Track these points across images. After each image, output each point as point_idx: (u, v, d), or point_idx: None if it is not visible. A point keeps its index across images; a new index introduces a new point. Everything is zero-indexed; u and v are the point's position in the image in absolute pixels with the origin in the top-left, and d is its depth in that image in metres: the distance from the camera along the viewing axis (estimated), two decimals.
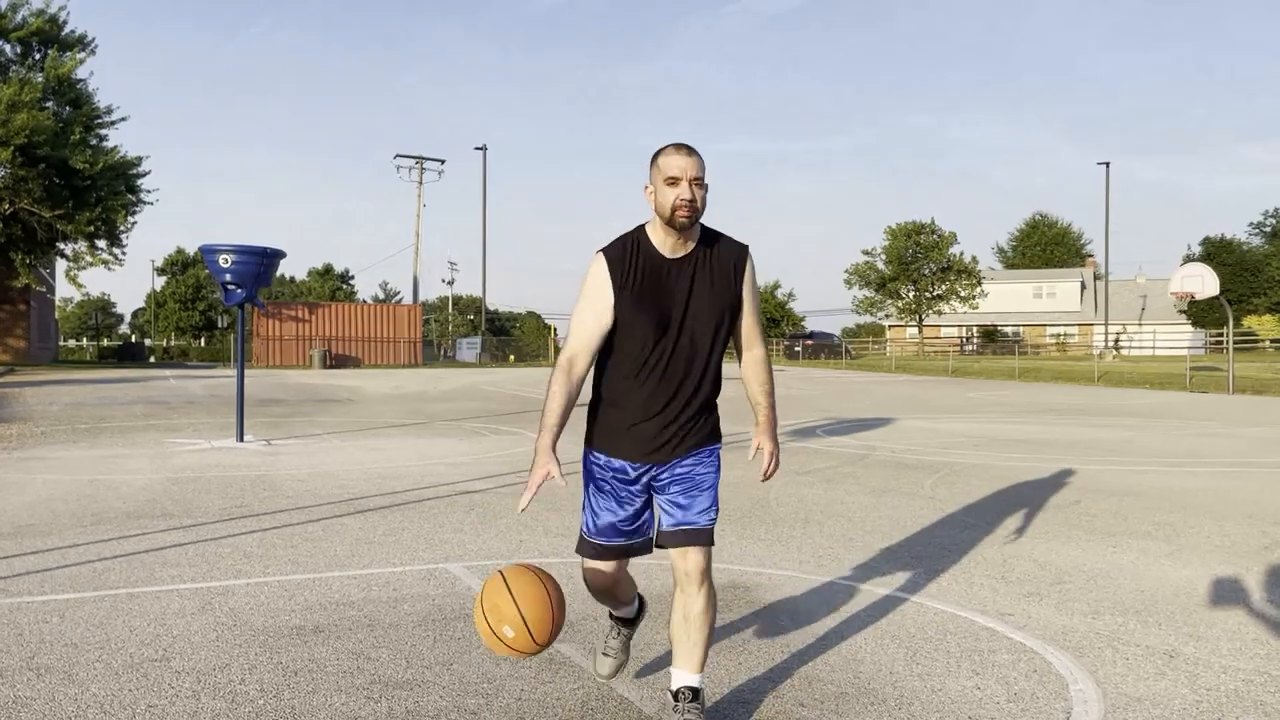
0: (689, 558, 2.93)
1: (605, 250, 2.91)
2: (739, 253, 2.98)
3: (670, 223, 2.82)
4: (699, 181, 2.81)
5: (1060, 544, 5.91)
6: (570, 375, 2.90)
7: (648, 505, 3.04)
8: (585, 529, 3.07)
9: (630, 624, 3.37)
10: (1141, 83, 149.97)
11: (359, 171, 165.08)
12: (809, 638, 4.04)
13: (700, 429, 2.99)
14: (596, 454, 3.03)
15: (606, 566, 3.05)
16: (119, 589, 4.76)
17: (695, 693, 2.97)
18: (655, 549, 3.06)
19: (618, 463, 2.98)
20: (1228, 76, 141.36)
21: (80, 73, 36.25)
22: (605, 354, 2.96)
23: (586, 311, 2.90)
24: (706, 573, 2.96)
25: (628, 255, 2.88)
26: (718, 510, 2.99)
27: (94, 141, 36.01)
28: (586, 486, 3.05)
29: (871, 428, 13.80)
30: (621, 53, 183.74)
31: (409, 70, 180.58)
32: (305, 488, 7.97)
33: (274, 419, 14.82)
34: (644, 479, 2.99)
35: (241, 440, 11.50)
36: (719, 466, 3.02)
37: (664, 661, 3.68)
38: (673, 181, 2.79)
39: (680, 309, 2.88)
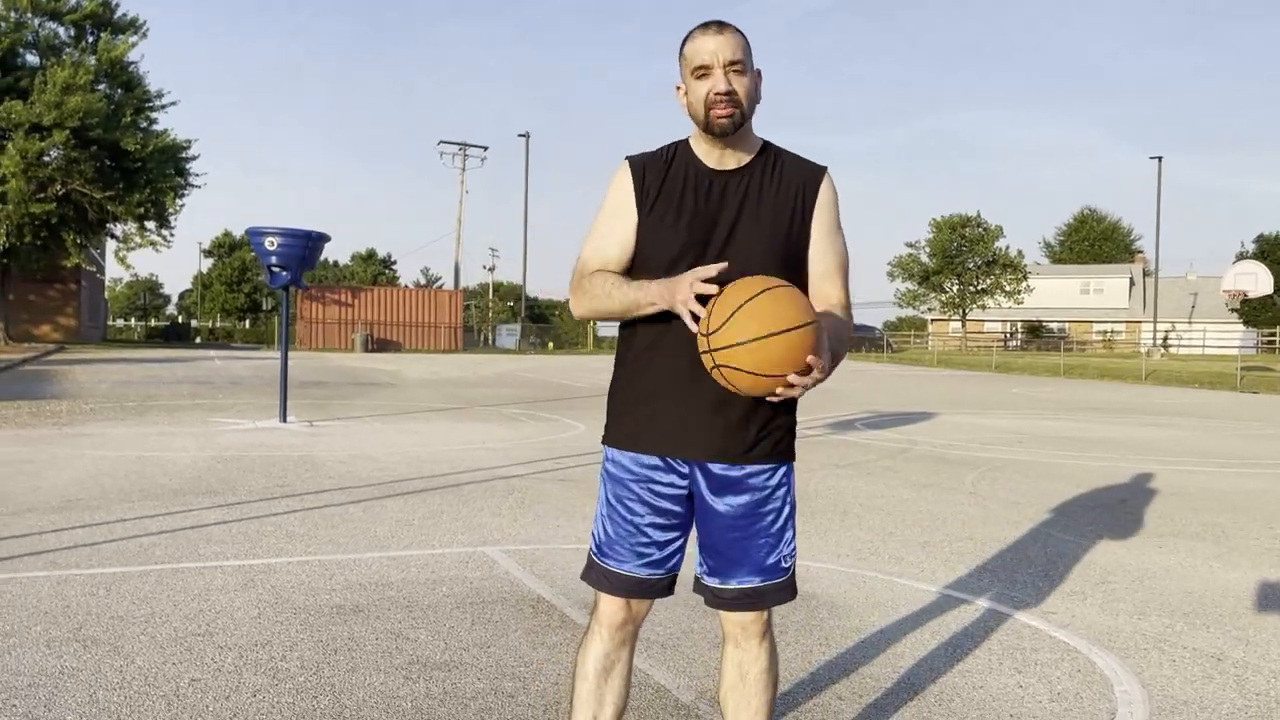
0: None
1: (632, 157, 2.26)
2: (812, 173, 2.23)
3: (708, 127, 2.14)
4: (739, 67, 2.11)
5: (1105, 543, 5.82)
6: (609, 273, 2.20)
7: (684, 527, 2.27)
8: (593, 548, 2.32)
9: None
10: (1196, 81, 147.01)
11: (403, 157, 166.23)
12: (848, 631, 4.01)
13: (761, 427, 2.19)
14: (619, 454, 2.26)
15: (618, 608, 2.26)
16: (164, 564, 4.83)
17: None
18: (707, 607, 2.36)
19: (649, 460, 2.22)
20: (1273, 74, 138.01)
21: (131, 56, 36.79)
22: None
23: (602, 227, 2.23)
24: (769, 624, 2.32)
25: (661, 163, 2.23)
26: (794, 548, 2.29)
27: (144, 124, 36.55)
28: (603, 492, 2.32)
29: (912, 422, 13.68)
30: (665, 47, 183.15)
31: (451, 59, 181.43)
32: (346, 469, 8.04)
33: (316, 401, 14.98)
34: (684, 482, 2.23)
35: (284, 421, 11.63)
36: (792, 494, 2.28)
37: (701, 646, 3.67)
38: (703, 72, 2.12)
39: (724, 232, 2.16)
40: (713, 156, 2.20)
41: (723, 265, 1.98)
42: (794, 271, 2.19)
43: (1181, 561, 5.40)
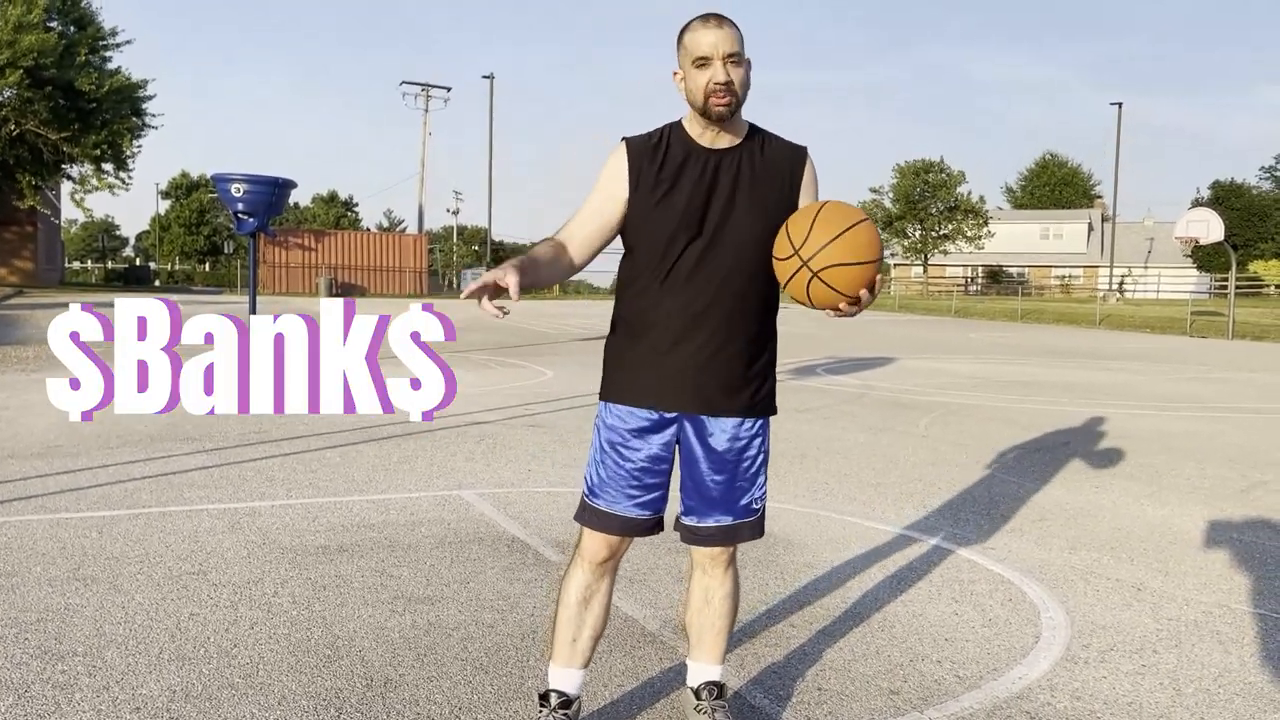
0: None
1: (629, 137, 2.47)
2: (796, 154, 2.49)
3: (705, 113, 2.35)
4: (735, 59, 2.32)
5: (1046, 483, 6.17)
6: (555, 242, 2.46)
7: (670, 472, 2.51)
8: (585, 491, 2.55)
9: (569, 705, 2.60)
10: (1162, 23, 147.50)
11: (365, 97, 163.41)
12: (802, 566, 4.32)
13: (746, 385, 2.46)
14: (614, 408, 2.49)
15: (600, 546, 2.52)
16: (151, 508, 5.04)
17: (720, 688, 2.65)
18: (684, 543, 2.61)
19: (641, 413, 2.46)
20: (1251, 17, 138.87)
21: None
22: (624, 269, 2.49)
23: (590, 203, 2.46)
24: (734, 555, 2.62)
25: (656, 143, 2.43)
26: (765, 491, 2.58)
27: (98, 63, 35.77)
28: (597, 439, 2.54)
29: (872, 367, 14.04)
30: None
31: None
32: (319, 416, 8.20)
33: None
34: (671, 431, 2.47)
35: None
36: (767, 444, 2.55)
37: (666, 581, 3.96)
38: (702, 63, 2.32)
39: (719, 207, 2.39)
40: (706, 137, 2.42)
41: (516, 282, 2.25)
42: None
43: (1115, 500, 5.77)
